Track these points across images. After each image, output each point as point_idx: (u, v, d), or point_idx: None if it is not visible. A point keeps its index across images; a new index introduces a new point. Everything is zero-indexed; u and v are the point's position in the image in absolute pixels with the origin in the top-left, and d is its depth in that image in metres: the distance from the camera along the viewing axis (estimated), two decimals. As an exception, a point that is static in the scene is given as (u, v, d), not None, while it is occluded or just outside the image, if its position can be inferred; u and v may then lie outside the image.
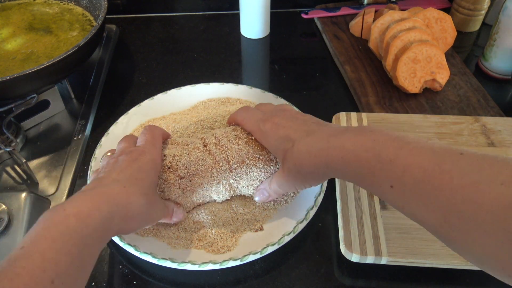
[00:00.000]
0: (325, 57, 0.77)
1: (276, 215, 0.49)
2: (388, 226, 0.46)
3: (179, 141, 0.48)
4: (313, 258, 0.48)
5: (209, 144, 0.47)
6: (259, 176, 0.48)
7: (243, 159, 0.47)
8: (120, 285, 0.46)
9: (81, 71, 0.72)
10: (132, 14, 0.88)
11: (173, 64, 0.76)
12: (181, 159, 0.46)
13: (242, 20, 0.80)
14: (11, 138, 0.57)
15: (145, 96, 0.63)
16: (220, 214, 0.49)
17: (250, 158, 0.47)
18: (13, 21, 0.72)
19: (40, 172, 0.57)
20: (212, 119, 0.57)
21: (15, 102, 0.58)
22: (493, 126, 0.58)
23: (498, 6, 0.78)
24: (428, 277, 0.46)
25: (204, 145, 0.48)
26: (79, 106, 0.67)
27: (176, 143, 0.48)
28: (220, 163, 0.47)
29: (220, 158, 0.47)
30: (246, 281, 0.46)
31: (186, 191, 0.47)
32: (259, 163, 0.47)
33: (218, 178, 0.47)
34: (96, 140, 0.60)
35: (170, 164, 0.45)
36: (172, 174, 0.45)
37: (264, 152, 0.47)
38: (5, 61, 0.64)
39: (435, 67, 0.64)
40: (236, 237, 0.47)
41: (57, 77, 0.60)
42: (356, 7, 0.83)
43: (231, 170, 0.47)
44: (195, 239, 0.47)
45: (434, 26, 0.70)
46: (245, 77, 0.74)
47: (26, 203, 0.49)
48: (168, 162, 0.45)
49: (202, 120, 0.57)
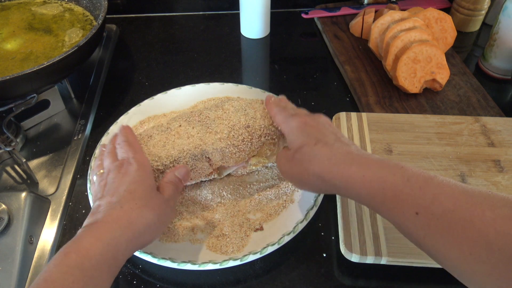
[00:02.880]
0: (325, 57, 0.77)
1: (276, 215, 0.49)
2: (388, 226, 0.46)
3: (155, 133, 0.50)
4: (313, 258, 0.48)
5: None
6: (235, 150, 0.48)
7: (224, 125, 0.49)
8: (120, 285, 0.46)
9: (81, 71, 0.72)
10: (132, 14, 0.88)
11: (173, 64, 0.76)
12: (167, 156, 0.47)
13: (242, 20, 0.80)
14: (11, 138, 0.57)
15: (145, 96, 0.63)
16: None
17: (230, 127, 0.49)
18: (13, 21, 0.72)
19: (40, 172, 0.57)
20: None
21: (15, 102, 0.58)
22: (493, 126, 0.58)
23: (498, 6, 0.78)
24: (428, 277, 0.46)
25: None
26: (79, 106, 0.67)
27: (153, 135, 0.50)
28: (200, 114, 0.50)
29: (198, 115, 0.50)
30: (246, 281, 0.46)
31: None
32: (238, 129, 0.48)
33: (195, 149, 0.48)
34: (96, 140, 0.60)
35: (164, 167, 0.47)
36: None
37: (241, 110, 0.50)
38: (5, 61, 0.64)
39: (435, 67, 0.64)
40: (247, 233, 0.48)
41: (57, 77, 0.60)
42: (356, 7, 0.83)
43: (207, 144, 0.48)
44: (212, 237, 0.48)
45: (434, 26, 0.70)
46: (245, 77, 0.74)
47: (26, 203, 0.49)
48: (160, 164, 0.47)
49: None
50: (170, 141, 0.48)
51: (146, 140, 0.49)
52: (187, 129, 0.50)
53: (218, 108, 0.51)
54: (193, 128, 0.49)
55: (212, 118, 0.50)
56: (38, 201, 0.51)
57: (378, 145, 0.55)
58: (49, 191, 0.54)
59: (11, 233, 0.46)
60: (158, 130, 0.50)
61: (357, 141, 0.56)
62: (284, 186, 0.52)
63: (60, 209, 0.52)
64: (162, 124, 0.51)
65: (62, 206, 0.53)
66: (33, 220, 0.49)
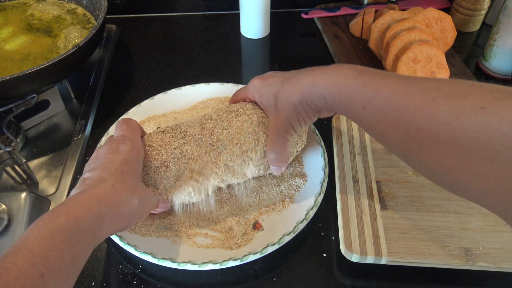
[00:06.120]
0: (325, 57, 0.77)
1: (276, 215, 0.49)
2: (388, 226, 0.46)
3: (168, 130, 0.49)
4: (313, 258, 0.48)
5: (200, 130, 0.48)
6: (251, 156, 0.48)
7: (235, 147, 0.47)
8: (120, 285, 0.46)
9: (81, 71, 0.72)
10: (132, 14, 0.88)
11: (173, 64, 0.76)
12: (175, 155, 0.46)
13: (242, 20, 0.80)
14: (11, 138, 0.57)
15: (145, 96, 0.63)
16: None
17: (241, 145, 0.47)
18: (13, 21, 0.72)
19: (40, 172, 0.57)
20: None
21: (15, 102, 0.58)
22: (493, 126, 0.58)
23: (498, 6, 0.78)
24: (428, 277, 0.46)
25: (201, 126, 0.48)
26: (79, 106, 0.67)
27: (162, 135, 0.48)
28: (211, 152, 0.46)
29: (211, 149, 0.47)
30: (246, 281, 0.46)
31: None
32: (249, 144, 0.47)
33: (211, 168, 0.47)
34: (96, 140, 0.60)
35: (165, 129, 0.47)
36: (168, 173, 0.46)
37: (253, 133, 0.47)
38: (3, 61, 0.64)
39: (435, 67, 0.64)
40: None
41: (57, 77, 0.60)
42: (356, 7, 0.83)
43: (221, 153, 0.47)
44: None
45: (434, 26, 0.70)
46: (245, 77, 0.74)
47: (26, 203, 0.49)
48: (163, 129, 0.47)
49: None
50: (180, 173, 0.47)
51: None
52: (199, 153, 0.46)
53: (230, 125, 0.48)
54: (205, 153, 0.46)
55: (224, 142, 0.47)
56: (38, 201, 0.51)
57: (378, 144, 0.55)
58: (49, 191, 0.54)
59: (11, 233, 0.46)
60: (168, 151, 0.47)
61: (357, 141, 0.56)
62: (284, 186, 0.52)
63: (60, 209, 0.52)
64: (171, 144, 0.47)
65: (62, 206, 0.53)
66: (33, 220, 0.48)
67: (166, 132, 0.48)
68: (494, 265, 0.43)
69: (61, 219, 0.33)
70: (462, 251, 0.44)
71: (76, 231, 0.33)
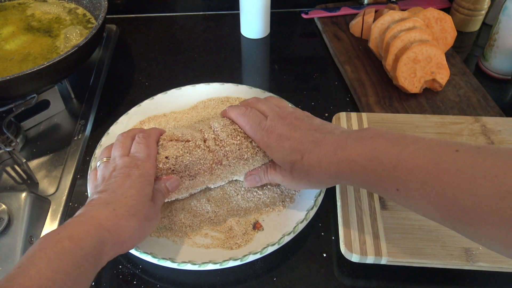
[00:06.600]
0: (325, 57, 0.77)
1: (276, 215, 0.49)
2: (388, 226, 0.46)
3: (179, 136, 0.48)
4: (313, 258, 0.48)
5: (208, 140, 0.48)
6: (257, 166, 0.50)
7: (242, 154, 0.47)
8: (120, 285, 0.46)
9: (81, 71, 0.72)
10: (132, 14, 0.88)
11: (173, 64, 0.76)
12: (184, 160, 0.46)
13: (242, 20, 0.80)
14: (11, 138, 0.57)
15: (145, 96, 0.63)
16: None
17: (249, 152, 0.48)
18: (13, 21, 0.72)
19: (40, 172, 0.57)
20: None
21: (15, 102, 0.58)
22: (493, 126, 0.58)
23: (498, 6, 0.78)
24: (428, 277, 0.46)
25: (203, 140, 0.48)
26: (79, 106, 0.67)
27: (176, 139, 0.48)
28: (221, 160, 0.47)
29: (220, 155, 0.47)
30: (246, 281, 0.46)
31: (188, 189, 0.48)
32: (257, 155, 0.48)
33: (218, 174, 0.48)
34: (96, 140, 0.60)
35: (174, 167, 0.46)
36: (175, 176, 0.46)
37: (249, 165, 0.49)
38: (3, 61, 0.64)
39: (435, 67, 0.64)
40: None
41: (57, 77, 0.60)
42: (356, 7, 0.83)
43: (230, 165, 0.48)
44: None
45: (434, 26, 0.70)
46: (245, 77, 0.74)
47: (26, 203, 0.49)
48: (172, 164, 0.46)
49: (201, 120, 0.57)
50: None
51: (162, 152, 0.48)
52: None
53: (235, 171, 0.49)
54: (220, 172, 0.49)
55: (235, 169, 0.49)
56: (38, 201, 0.51)
57: (378, 145, 0.55)
58: (49, 191, 0.54)
59: (11, 234, 0.46)
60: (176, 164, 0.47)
61: (357, 141, 0.56)
62: (284, 187, 0.52)
63: (60, 209, 0.52)
64: (189, 141, 0.48)
65: (62, 206, 0.53)
66: (33, 220, 0.49)
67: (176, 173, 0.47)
68: (494, 265, 0.43)
69: (65, 242, 0.34)
70: (462, 251, 0.44)
71: (79, 255, 0.34)
